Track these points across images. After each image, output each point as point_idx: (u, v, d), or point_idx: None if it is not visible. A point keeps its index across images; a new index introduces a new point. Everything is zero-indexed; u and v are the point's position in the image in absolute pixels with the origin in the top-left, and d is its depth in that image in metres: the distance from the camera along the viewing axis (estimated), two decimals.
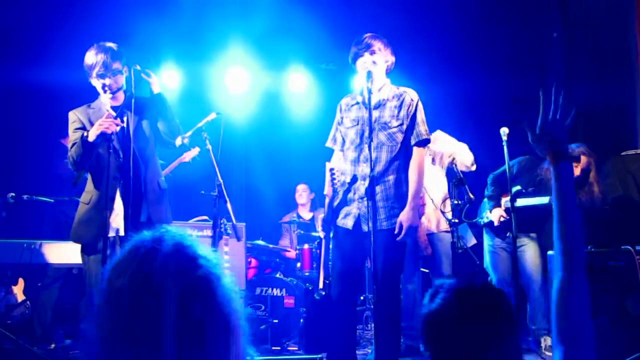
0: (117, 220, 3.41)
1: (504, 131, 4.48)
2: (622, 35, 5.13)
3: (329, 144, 3.94)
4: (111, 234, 3.39)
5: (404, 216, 3.50)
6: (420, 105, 3.69)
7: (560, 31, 5.91)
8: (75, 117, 3.51)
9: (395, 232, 3.50)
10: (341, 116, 3.86)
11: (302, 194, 6.90)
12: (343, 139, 3.83)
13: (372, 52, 3.70)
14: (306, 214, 6.91)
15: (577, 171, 4.62)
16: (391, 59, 3.80)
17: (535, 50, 6.04)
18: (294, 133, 7.35)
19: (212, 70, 7.02)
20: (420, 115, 3.68)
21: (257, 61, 6.96)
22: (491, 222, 4.79)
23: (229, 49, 6.73)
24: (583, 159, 4.66)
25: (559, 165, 1.56)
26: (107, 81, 3.44)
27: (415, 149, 3.65)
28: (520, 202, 4.59)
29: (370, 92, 3.61)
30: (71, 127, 3.51)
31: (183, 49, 6.71)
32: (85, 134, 3.37)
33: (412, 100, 3.69)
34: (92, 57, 3.45)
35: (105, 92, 3.43)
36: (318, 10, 6.09)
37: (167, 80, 6.74)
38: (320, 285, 4.11)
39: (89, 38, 3.65)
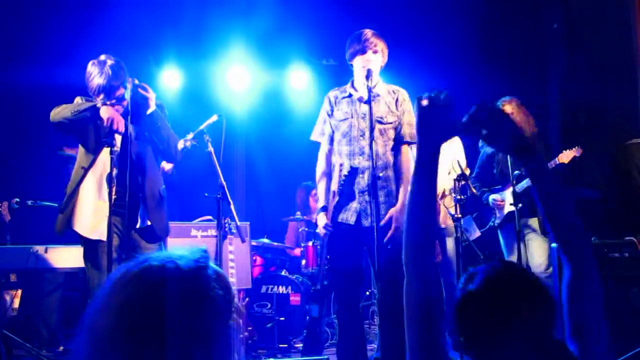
0: (102, 225, 3.36)
1: None
2: (623, 28, 5.10)
3: (315, 137, 3.92)
4: (96, 237, 3.40)
5: (397, 212, 3.51)
6: (411, 107, 3.69)
7: (560, 23, 5.89)
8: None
9: (383, 223, 3.51)
10: (331, 108, 3.84)
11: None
12: (333, 131, 3.82)
13: (375, 52, 3.70)
14: None
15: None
16: (386, 58, 3.81)
17: (534, 43, 6.01)
18: (296, 130, 7.33)
19: (213, 69, 7.02)
20: (410, 117, 3.67)
21: (258, 59, 6.96)
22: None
23: (230, 48, 6.73)
24: (508, 107, 4.55)
25: (529, 162, 1.46)
26: (110, 106, 3.40)
27: (403, 147, 3.70)
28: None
29: (370, 90, 3.61)
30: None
31: (184, 48, 6.73)
32: (98, 104, 3.35)
33: (404, 100, 3.73)
34: (95, 78, 3.36)
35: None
36: (317, 7, 6.08)
37: (168, 80, 6.78)
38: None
39: (92, 39, 3.63)
